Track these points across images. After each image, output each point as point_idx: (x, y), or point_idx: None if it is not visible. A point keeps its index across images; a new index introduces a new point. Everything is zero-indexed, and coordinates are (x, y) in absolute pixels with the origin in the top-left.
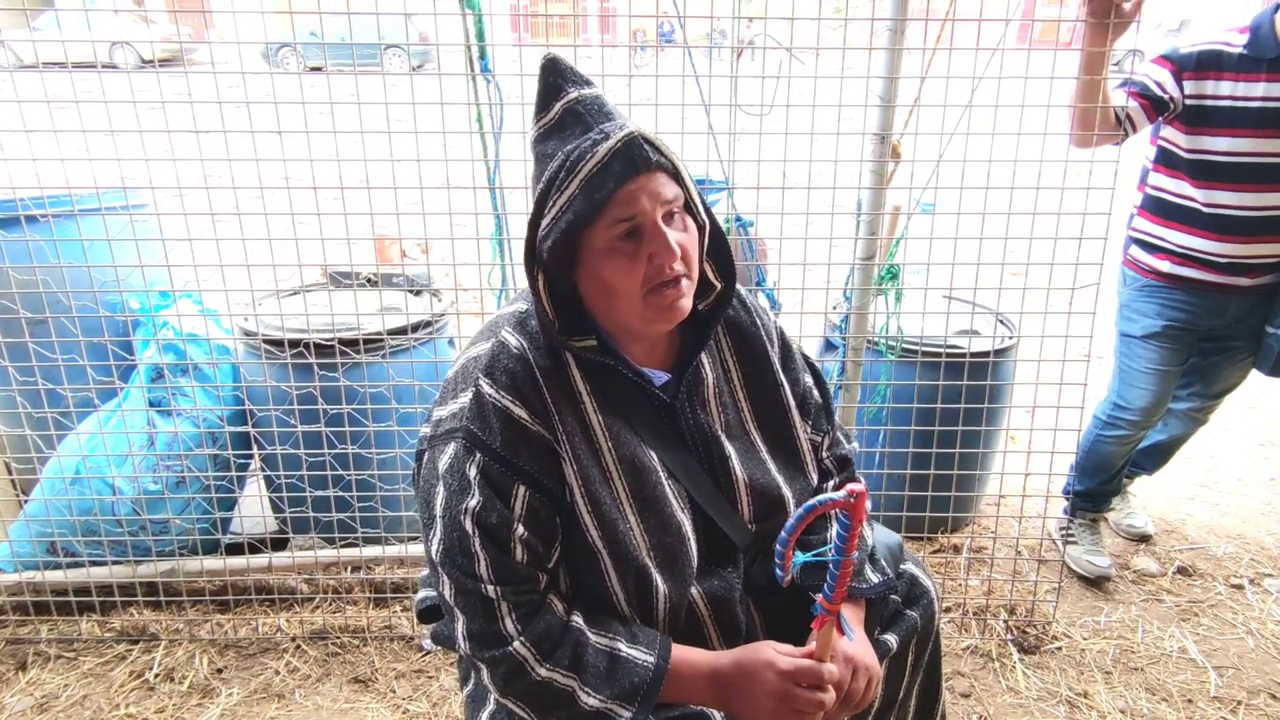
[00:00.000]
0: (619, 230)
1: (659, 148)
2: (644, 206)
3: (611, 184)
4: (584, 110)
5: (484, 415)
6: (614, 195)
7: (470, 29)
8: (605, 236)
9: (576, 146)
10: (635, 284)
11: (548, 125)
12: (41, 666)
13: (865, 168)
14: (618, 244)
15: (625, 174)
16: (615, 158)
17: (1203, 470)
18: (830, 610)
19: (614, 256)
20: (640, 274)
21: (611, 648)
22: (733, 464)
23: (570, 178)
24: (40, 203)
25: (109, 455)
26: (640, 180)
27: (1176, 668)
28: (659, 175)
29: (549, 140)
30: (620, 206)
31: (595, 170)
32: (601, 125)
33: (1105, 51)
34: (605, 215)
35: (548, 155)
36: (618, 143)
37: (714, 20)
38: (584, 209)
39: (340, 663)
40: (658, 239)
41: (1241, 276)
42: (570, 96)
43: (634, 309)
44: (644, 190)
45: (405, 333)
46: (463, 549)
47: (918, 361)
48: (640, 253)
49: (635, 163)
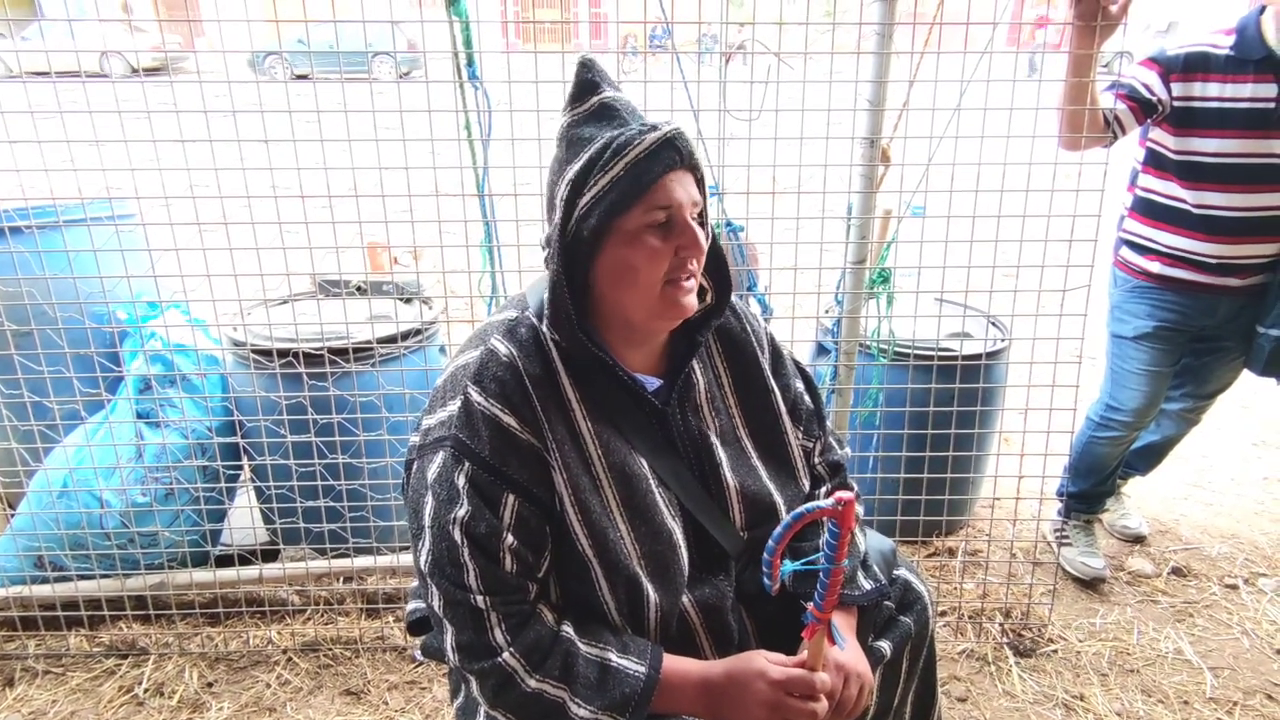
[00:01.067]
0: (655, 218)
1: (694, 150)
2: (679, 198)
3: (659, 169)
4: (619, 107)
5: (473, 424)
6: (659, 181)
7: (457, 36)
8: (640, 222)
9: (621, 133)
10: (658, 272)
11: (584, 114)
12: (29, 683)
13: (855, 172)
14: (649, 232)
15: (671, 163)
16: (663, 147)
17: (1196, 470)
18: (821, 619)
19: (643, 244)
20: (665, 263)
21: (602, 658)
22: (724, 471)
23: (616, 159)
24: (25, 214)
25: (96, 468)
26: (680, 174)
27: (1172, 669)
28: (691, 177)
29: (585, 126)
30: (662, 193)
31: (642, 155)
32: (641, 121)
33: (1093, 54)
34: (645, 200)
35: (584, 139)
36: (666, 134)
37: (704, 25)
38: (630, 190)
39: (332, 675)
40: (688, 233)
41: (1231, 277)
42: (606, 94)
43: (648, 299)
44: (680, 184)
45: (395, 341)
46: (451, 559)
47: (910, 365)
48: (669, 242)
49: (679, 155)
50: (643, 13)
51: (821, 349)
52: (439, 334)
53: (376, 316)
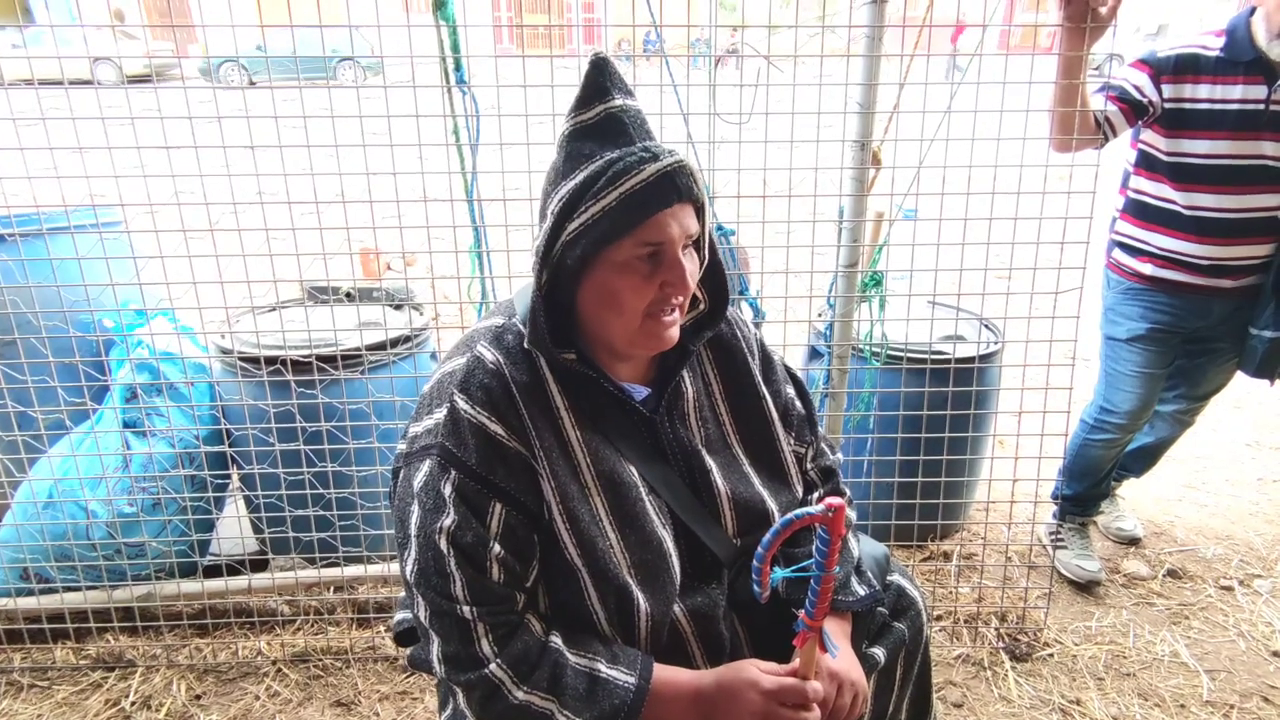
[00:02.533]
0: (644, 251)
1: (696, 181)
2: (672, 235)
3: (654, 206)
4: (627, 120)
5: (459, 432)
6: (653, 218)
7: (445, 40)
8: (628, 253)
9: (621, 158)
10: (640, 304)
11: (586, 124)
12: (14, 696)
13: (846, 175)
14: (637, 263)
15: (668, 200)
16: (661, 180)
17: (1190, 472)
18: (813, 626)
19: (630, 274)
20: (649, 296)
21: (591, 668)
22: (714, 478)
23: (611, 188)
24: (7, 222)
25: (82, 478)
26: (675, 209)
27: (1169, 672)
28: (689, 208)
29: (587, 140)
30: (653, 229)
31: (639, 188)
32: (645, 142)
33: (1083, 56)
34: (635, 235)
35: (584, 155)
36: (667, 166)
37: (694, 29)
38: (621, 223)
39: (322, 686)
40: (675, 269)
41: (1224, 278)
42: (615, 103)
43: (629, 329)
44: (676, 219)
45: (384, 348)
46: (438, 569)
47: (903, 368)
48: (655, 277)
49: (678, 191)
50: (631, 17)
51: (814, 353)
52: (429, 340)
53: (365, 323)
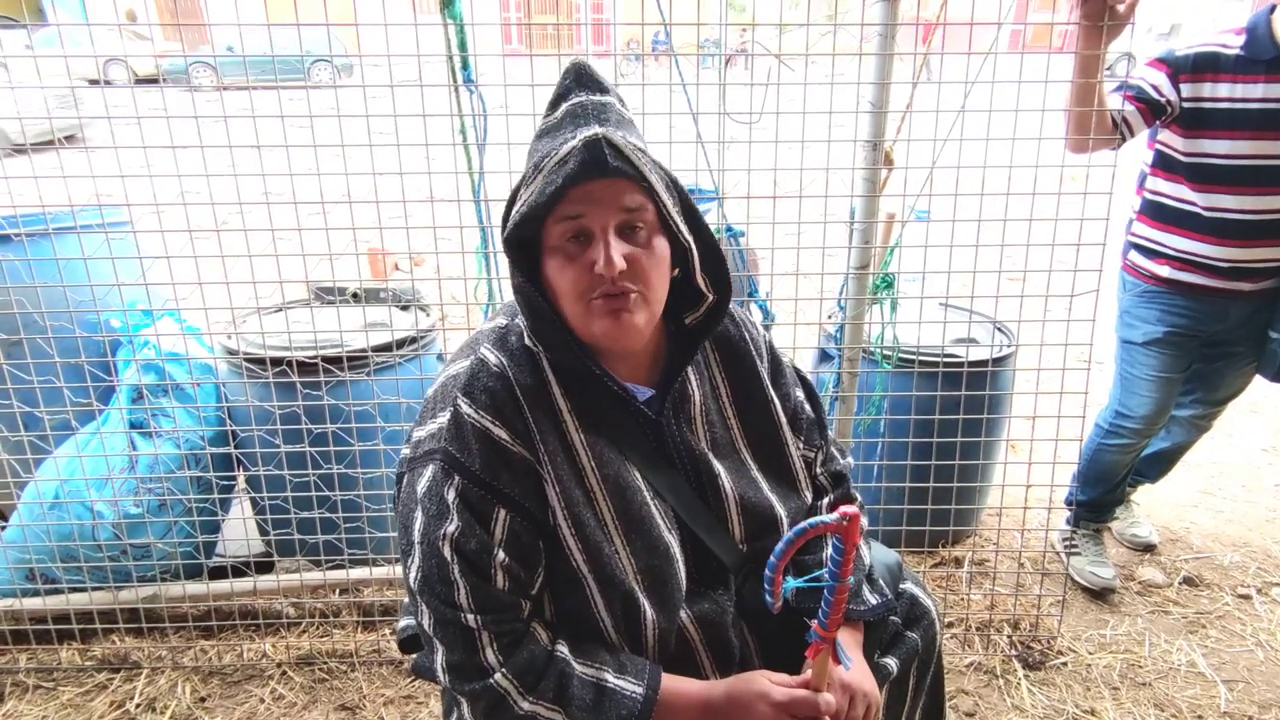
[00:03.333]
0: (566, 229)
1: (625, 154)
2: (594, 210)
3: (560, 180)
4: (582, 112)
5: (462, 436)
6: (564, 193)
7: (452, 39)
8: (555, 234)
9: (552, 145)
10: (575, 288)
11: (548, 125)
12: (19, 697)
13: (858, 175)
14: (565, 244)
15: (577, 175)
16: (573, 155)
17: (1207, 477)
18: (826, 637)
19: (559, 255)
20: (580, 278)
21: (598, 678)
22: (722, 482)
23: (536, 174)
24: (14, 221)
25: (88, 479)
26: (597, 184)
27: (1185, 682)
28: (620, 182)
29: (543, 139)
30: (569, 204)
31: (555, 165)
32: (583, 129)
33: (1100, 55)
34: (555, 212)
35: (534, 152)
36: (579, 141)
37: (704, 28)
38: (536, 202)
39: (327, 689)
40: (597, 248)
41: (1243, 281)
42: (577, 100)
43: (577, 314)
44: (598, 194)
45: (390, 349)
46: (441, 576)
47: (915, 371)
48: (584, 257)
49: (590, 165)
50: (640, 16)
51: (824, 355)
52: (435, 342)
53: (372, 324)
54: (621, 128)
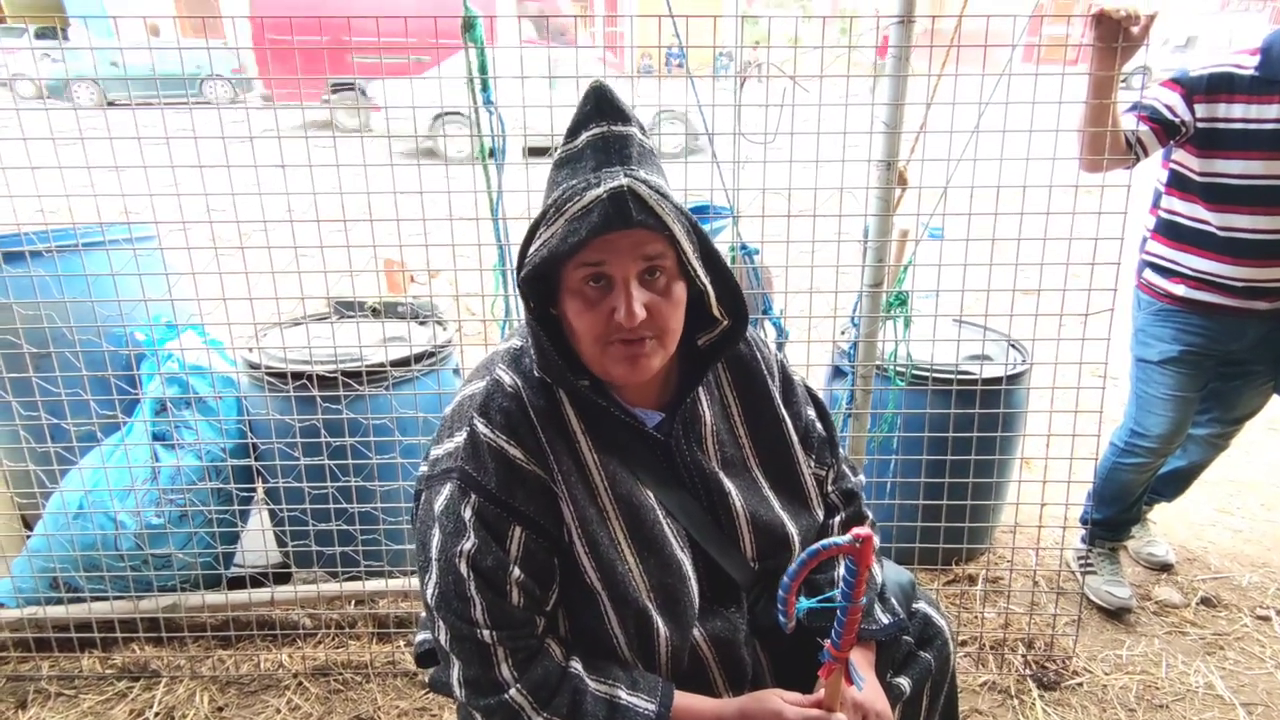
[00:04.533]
0: (586, 274)
1: (649, 206)
2: (616, 259)
3: (585, 232)
4: (604, 145)
5: (479, 455)
6: (586, 243)
7: (473, 61)
8: (575, 277)
9: (574, 185)
10: (593, 332)
11: (568, 153)
12: (41, 704)
13: (872, 194)
14: (585, 287)
15: (600, 227)
16: (598, 207)
17: (1224, 496)
18: (839, 657)
19: (578, 298)
20: (598, 323)
21: (611, 695)
22: (733, 500)
23: (558, 215)
24: (45, 237)
25: (111, 490)
26: (619, 236)
27: (1203, 705)
28: (647, 235)
29: (563, 168)
30: (591, 252)
31: (578, 214)
32: (607, 168)
33: (1114, 76)
34: (575, 258)
35: (555, 184)
36: (604, 193)
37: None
38: (557, 249)
39: (342, 700)
40: (621, 296)
41: (1259, 300)
42: (599, 130)
43: (593, 355)
44: (620, 243)
45: (409, 364)
46: (458, 593)
47: (929, 389)
48: (604, 303)
49: (614, 218)
50: (658, 36)
51: (838, 372)
52: (453, 356)
53: (390, 339)
54: (643, 164)
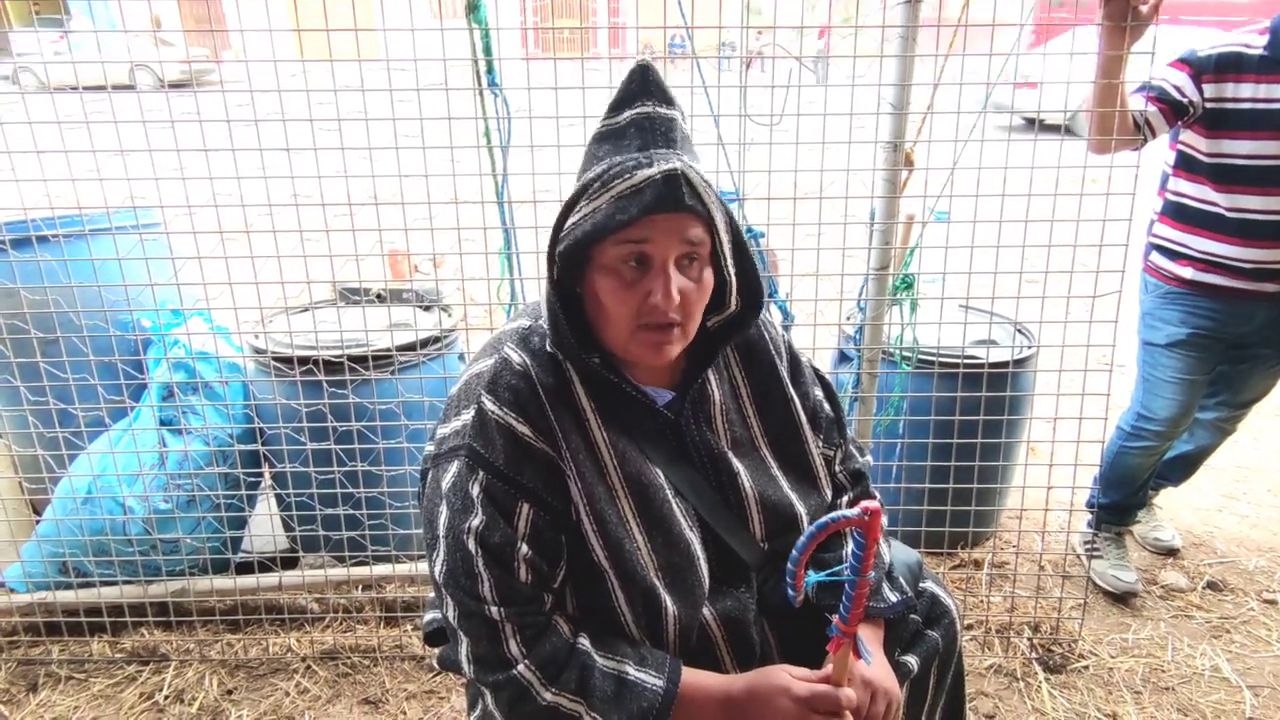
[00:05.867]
0: (626, 252)
1: (698, 193)
2: (660, 240)
3: (635, 210)
4: (650, 126)
5: (487, 432)
6: (635, 221)
7: (477, 44)
8: (613, 254)
9: (622, 163)
10: (627, 312)
11: (611, 129)
12: (52, 688)
13: (878, 176)
14: (622, 266)
15: (651, 206)
16: (649, 187)
17: (1231, 481)
18: (846, 632)
19: (614, 277)
20: (633, 304)
21: (619, 670)
22: (742, 480)
23: (604, 190)
24: (51, 223)
25: (120, 474)
26: (664, 218)
27: (1209, 687)
28: (689, 220)
29: (605, 143)
30: (636, 230)
31: (627, 192)
32: (655, 149)
33: (1123, 55)
34: (617, 235)
35: (596, 158)
36: (657, 174)
37: (723, 31)
38: (602, 224)
39: (351, 683)
40: (660, 279)
41: (1268, 282)
42: (644, 109)
43: (620, 336)
44: (666, 225)
45: (414, 349)
46: (466, 570)
47: (934, 372)
48: (641, 284)
49: (665, 199)
50: (663, 19)
51: (844, 356)
52: (458, 341)
53: (396, 324)
54: (685, 150)
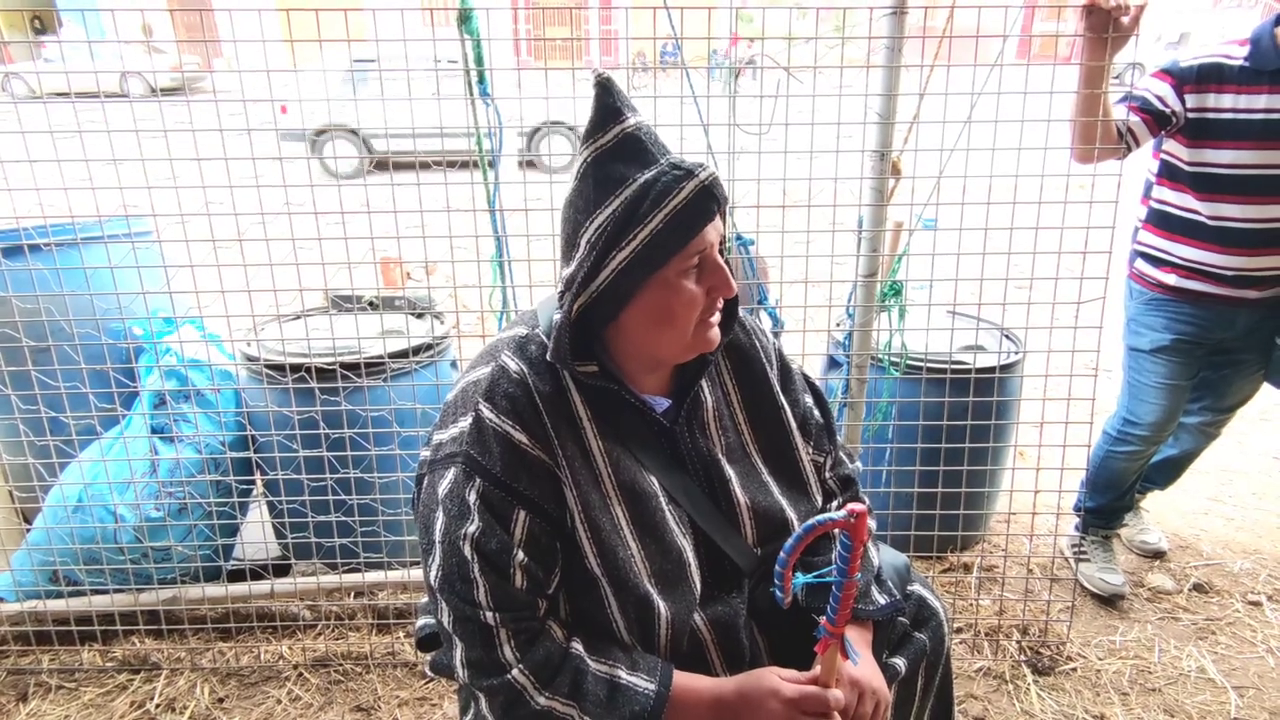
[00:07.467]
0: (691, 264)
1: (723, 189)
2: (711, 241)
3: (700, 222)
4: (644, 138)
5: (484, 440)
6: (700, 231)
7: (469, 53)
8: (678, 269)
9: (657, 178)
10: (694, 314)
11: (606, 147)
12: (42, 697)
13: (865, 185)
14: (686, 277)
15: (710, 214)
16: (701, 196)
17: (1216, 484)
18: (834, 633)
19: (682, 289)
20: (700, 305)
21: (611, 675)
22: (734, 487)
23: (655, 210)
24: (43, 231)
25: (111, 483)
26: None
27: (1195, 688)
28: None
29: (612, 163)
30: (698, 241)
31: (682, 206)
32: (668, 158)
33: (1105, 66)
34: (684, 251)
35: (615, 180)
36: (703, 182)
37: (712, 41)
38: (669, 244)
39: (343, 691)
40: (719, 274)
41: (1249, 289)
42: (629, 123)
43: (683, 338)
44: (713, 227)
45: (406, 356)
46: (461, 575)
47: (923, 378)
48: (703, 284)
49: (716, 202)
50: (653, 29)
51: (833, 362)
52: (450, 349)
53: (388, 331)
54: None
